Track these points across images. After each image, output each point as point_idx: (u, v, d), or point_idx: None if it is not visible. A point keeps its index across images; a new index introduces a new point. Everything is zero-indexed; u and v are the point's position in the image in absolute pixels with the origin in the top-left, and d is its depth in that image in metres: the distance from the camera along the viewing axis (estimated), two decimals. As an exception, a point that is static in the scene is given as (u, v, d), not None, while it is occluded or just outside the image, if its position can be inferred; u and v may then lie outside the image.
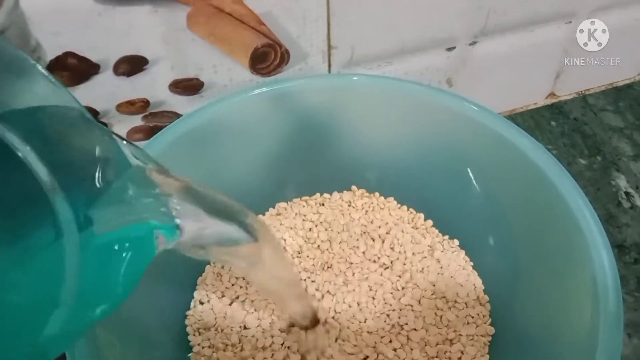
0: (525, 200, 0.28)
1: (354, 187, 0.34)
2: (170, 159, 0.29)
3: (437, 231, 0.32)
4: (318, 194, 0.34)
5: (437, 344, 0.28)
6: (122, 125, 0.33)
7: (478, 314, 0.29)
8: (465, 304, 0.29)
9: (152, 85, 0.32)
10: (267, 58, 0.32)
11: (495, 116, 0.29)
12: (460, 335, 0.28)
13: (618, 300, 0.22)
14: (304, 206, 0.33)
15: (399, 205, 0.33)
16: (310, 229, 0.32)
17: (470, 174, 0.31)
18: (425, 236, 0.32)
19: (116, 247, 0.15)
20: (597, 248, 0.24)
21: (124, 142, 0.17)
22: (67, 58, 0.29)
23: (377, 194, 0.34)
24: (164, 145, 0.29)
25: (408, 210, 0.33)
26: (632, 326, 0.32)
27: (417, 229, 0.32)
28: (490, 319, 0.29)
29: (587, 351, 0.22)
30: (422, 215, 0.33)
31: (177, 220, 0.17)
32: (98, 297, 0.15)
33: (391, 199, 0.33)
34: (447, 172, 0.32)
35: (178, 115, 0.33)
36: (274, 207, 0.33)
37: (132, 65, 0.30)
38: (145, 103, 0.32)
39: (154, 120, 0.33)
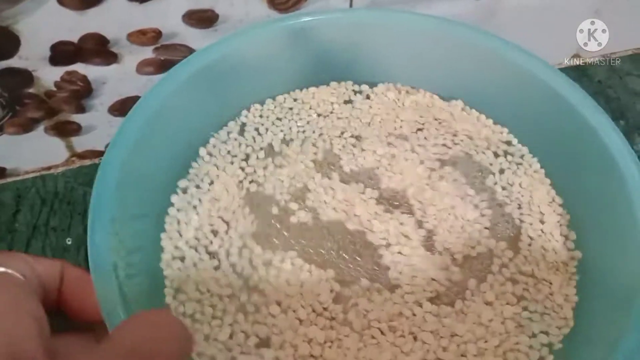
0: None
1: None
2: (186, 93, 0.27)
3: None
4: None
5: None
6: (133, 56, 0.31)
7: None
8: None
9: (166, 15, 0.30)
10: (287, -9, 0.31)
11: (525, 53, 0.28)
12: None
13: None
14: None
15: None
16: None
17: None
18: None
19: None
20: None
21: None
22: (78, -24, 0.27)
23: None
24: (181, 80, 0.27)
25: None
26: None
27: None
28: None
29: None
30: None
31: None
32: None
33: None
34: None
35: (190, 49, 0.32)
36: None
37: (146, -11, 0.29)
38: (157, 34, 0.31)
39: (166, 54, 0.32)
